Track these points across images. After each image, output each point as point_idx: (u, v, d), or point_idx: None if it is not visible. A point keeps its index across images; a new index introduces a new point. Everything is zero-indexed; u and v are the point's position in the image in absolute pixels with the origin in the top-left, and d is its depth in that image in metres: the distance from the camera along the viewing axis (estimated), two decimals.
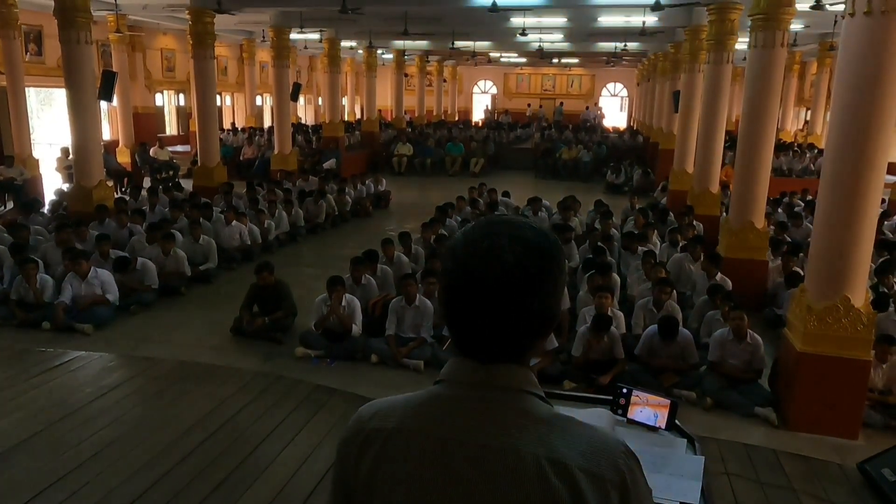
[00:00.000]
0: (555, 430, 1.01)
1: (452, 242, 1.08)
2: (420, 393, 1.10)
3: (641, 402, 1.98)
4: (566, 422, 1.03)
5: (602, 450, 1.00)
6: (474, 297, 1.02)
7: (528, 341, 1.05)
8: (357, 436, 1.09)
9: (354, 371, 5.88)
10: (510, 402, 1.03)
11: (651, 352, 5.68)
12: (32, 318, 6.65)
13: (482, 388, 1.04)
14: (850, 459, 4.49)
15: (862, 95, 4.44)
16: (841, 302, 4.73)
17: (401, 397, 1.12)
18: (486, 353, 1.04)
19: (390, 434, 1.06)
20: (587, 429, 1.03)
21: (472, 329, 1.04)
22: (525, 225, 1.06)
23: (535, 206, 10.43)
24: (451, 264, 1.05)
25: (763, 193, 7.69)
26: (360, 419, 1.11)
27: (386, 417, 1.08)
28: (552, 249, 1.04)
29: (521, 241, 1.02)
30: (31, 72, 13.74)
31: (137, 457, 4.21)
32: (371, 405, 1.13)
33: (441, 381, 1.08)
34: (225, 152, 15.62)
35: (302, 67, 26.52)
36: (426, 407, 1.07)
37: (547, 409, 1.04)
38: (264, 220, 9.93)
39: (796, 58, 20.99)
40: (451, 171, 19.63)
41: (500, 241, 1.02)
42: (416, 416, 1.06)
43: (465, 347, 1.06)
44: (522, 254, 1.01)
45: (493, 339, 1.03)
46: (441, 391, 1.07)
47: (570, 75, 35.87)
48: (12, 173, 12.06)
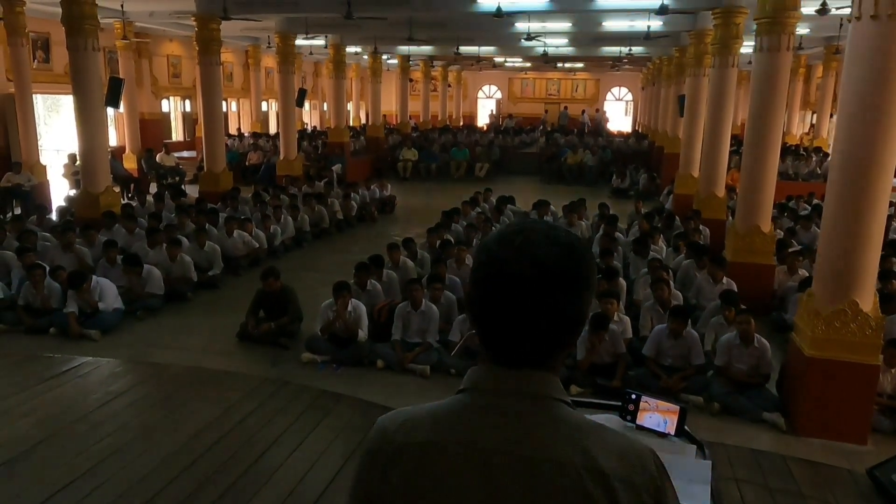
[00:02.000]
0: (589, 437, 1.01)
1: (486, 239, 1.07)
2: (447, 403, 1.07)
3: (650, 408, 1.97)
4: (598, 429, 1.04)
5: (634, 456, 1.02)
6: (506, 294, 1.01)
7: (558, 346, 1.04)
8: (384, 449, 1.06)
9: (360, 376, 5.88)
10: (544, 410, 1.02)
11: (659, 350, 5.68)
12: (40, 323, 6.68)
13: (515, 396, 1.03)
14: (860, 465, 4.46)
15: (869, 98, 4.42)
16: (849, 306, 4.70)
17: (425, 407, 1.09)
18: (516, 358, 1.04)
19: (423, 446, 1.03)
20: (618, 436, 1.04)
21: (503, 328, 1.03)
22: (558, 227, 1.07)
23: (542, 210, 10.38)
24: (484, 259, 1.04)
25: (769, 197, 7.66)
26: (384, 431, 1.08)
27: (414, 429, 1.06)
28: (585, 252, 1.05)
29: (555, 240, 1.02)
30: (38, 78, 13.82)
31: (145, 462, 4.22)
32: (393, 417, 1.10)
33: (468, 389, 1.07)
34: (231, 158, 15.68)
35: (307, 73, 26.59)
36: (459, 418, 1.04)
37: (578, 417, 1.05)
38: (270, 225, 9.95)
39: (802, 61, 20.93)
40: (455, 176, 19.65)
41: (534, 237, 1.02)
42: (451, 427, 1.03)
43: (494, 350, 1.05)
44: (556, 252, 1.01)
45: (523, 341, 1.02)
46: (472, 400, 1.05)
47: (574, 80, 35.88)
48: (20, 179, 12.12)
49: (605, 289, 6.33)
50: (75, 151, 11.19)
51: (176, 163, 16.75)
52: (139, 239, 8.56)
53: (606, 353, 5.72)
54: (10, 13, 11.74)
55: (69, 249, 7.79)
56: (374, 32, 15.79)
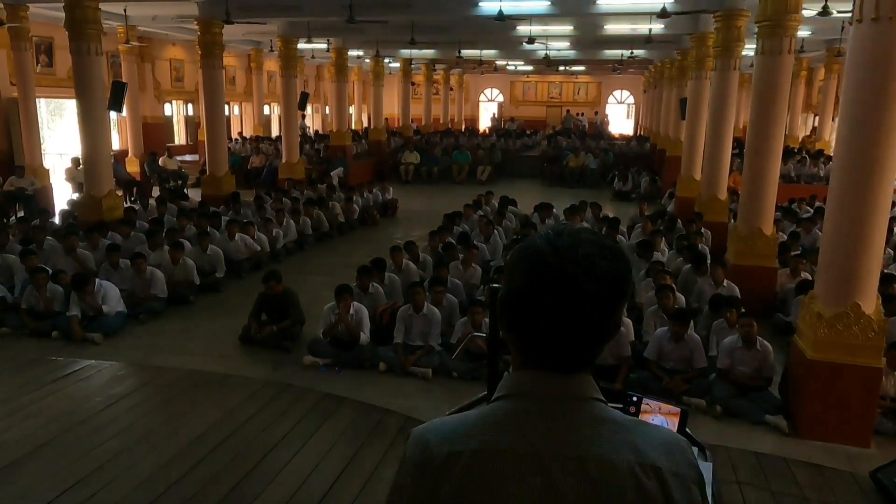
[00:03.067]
0: (634, 433, 1.04)
1: (533, 251, 1.05)
2: (490, 409, 1.08)
3: (652, 410, 1.97)
4: (638, 424, 1.08)
5: (677, 448, 1.05)
6: (567, 305, 1.01)
7: (601, 349, 1.07)
8: (429, 462, 1.05)
9: (362, 379, 5.88)
10: (589, 410, 1.05)
11: (660, 353, 5.67)
12: (42, 327, 6.69)
13: (558, 399, 1.05)
14: (863, 468, 4.45)
15: (870, 101, 4.42)
16: (851, 309, 4.69)
17: (466, 416, 1.10)
18: (567, 364, 1.05)
19: (476, 455, 1.02)
20: (657, 429, 1.09)
21: (558, 339, 1.04)
22: (604, 235, 1.11)
23: (544, 213, 10.36)
24: (537, 270, 1.03)
25: (771, 200, 7.65)
26: (425, 445, 1.07)
27: (460, 439, 1.04)
28: (629, 261, 1.08)
29: (609, 250, 1.05)
30: (41, 83, 13.86)
31: (147, 465, 4.23)
32: (431, 429, 1.09)
33: (511, 395, 1.07)
34: (233, 161, 15.70)
35: (309, 77, 26.63)
36: (508, 423, 1.04)
37: (619, 414, 1.07)
38: (272, 228, 9.96)
39: (804, 64, 20.93)
40: (457, 179, 19.66)
41: (593, 249, 1.03)
42: (504, 434, 1.03)
43: (542, 357, 1.06)
44: (612, 262, 1.04)
45: (577, 348, 1.05)
46: (516, 406, 1.06)
47: (576, 83, 35.93)
48: (23, 183, 12.16)
49: None
50: (78, 155, 11.23)
51: (178, 166, 16.78)
52: (139, 243, 8.57)
53: (609, 355, 5.72)
54: (13, 18, 11.78)
55: (71, 253, 7.81)
56: (376, 36, 15.83)
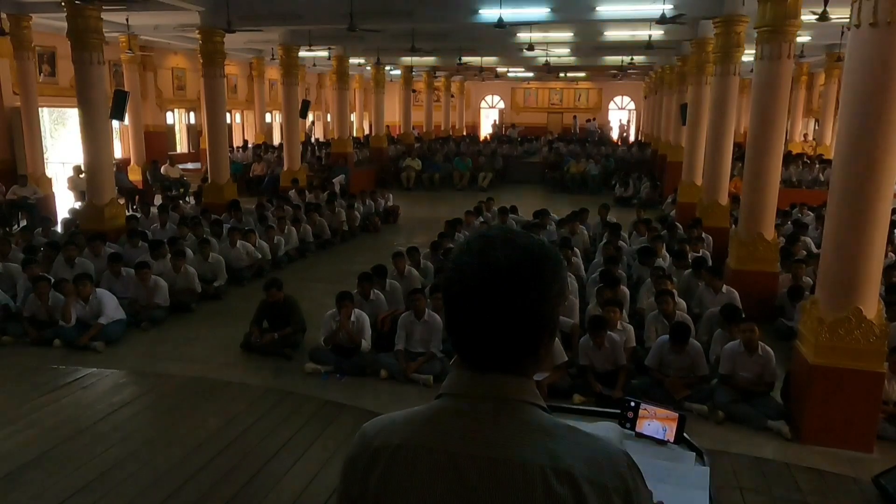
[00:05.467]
0: (557, 439, 1.02)
1: (454, 254, 1.10)
2: (422, 408, 1.11)
3: (650, 416, 1.97)
4: (568, 431, 1.05)
5: (604, 458, 1.02)
6: (467, 298, 1.04)
7: (522, 348, 1.05)
8: (363, 453, 1.10)
9: (364, 386, 5.88)
10: (511, 413, 1.04)
11: (662, 362, 5.65)
12: (44, 335, 6.70)
13: (482, 399, 1.05)
14: (865, 473, 4.43)
15: (869, 106, 4.43)
16: (852, 313, 4.69)
17: (403, 413, 1.13)
18: (483, 361, 1.06)
19: (396, 450, 1.06)
20: (589, 437, 1.05)
21: (468, 332, 1.06)
22: (520, 232, 1.09)
23: (544, 219, 10.35)
24: (449, 267, 1.09)
25: (772, 205, 7.65)
26: (364, 437, 1.12)
27: (391, 434, 1.09)
28: (545, 253, 1.06)
29: (512, 243, 1.05)
30: (44, 92, 13.93)
31: (149, 474, 4.23)
32: (374, 422, 1.14)
33: (444, 394, 1.10)
34: (235, 169, 15.75)
35: (311, 84, 26.72)
36: (430, 421, 1.08)
37: (548, 419, 1.06)
38: (274, 236, 9.98)
39: (804, 69, 20.96)
40: (459, 186, 19.68)
41: (492, 242, 1.05)
42: (422, 431, 1.07)
43: (463, 355, 1.09)
44: (512, 255, 1.03)
45: (488, 344, 1.04)
46: (443, 405, 1.09)
47: (577, 89, 36.00)
48: (26, 192, 12.21)
49: (608, 297, 6.33)
50: (80, 163, 11.27)
51: (181, 174, 16.84)
52: (143, 252, 8.59)
53: (609, 361, 5.71)
54: (16, 28, 11.87)
55: (72, 262, 7.82)
56: (377, 44, 15.90)
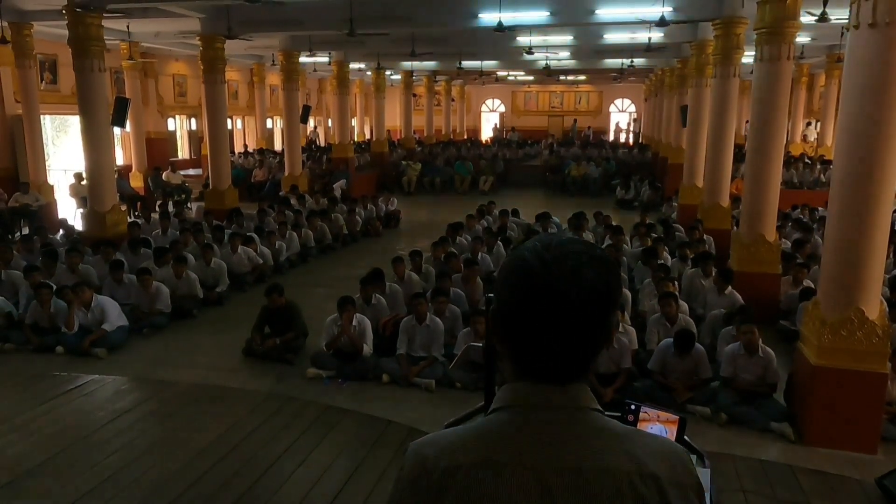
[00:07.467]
0: (633, 443, 1.03)
1: (521, 258, 1.06)
2: (490, 422, 1.07)
3: (650, 419, 1.97)
4: (636, 434, 1.08)
5: (675, 457, 1.05)
6: (557, 315, 1.02)
7: (593, 358, 1.07)
8: (427, 476, 1.04)
9: (365, 391, 5.87)
10: (586, 421, 1.04)
11: (664, 366, 5.64)
12: (47, 342, 6.71)
13: (559, 410, 1.04)
14: (869, 474, 4.42)
15: (868, 107, 4.43)
16: (855, 314, 4.68)
17: (463, 429, 1.09)
18: (561, 374, 1.05)
19: (475, 467, 1.01)
20: (654, 438, 1.08)
21: (552, 350, 1.04)
22: (591, 244, 1.10)
23: (545, 223, 10.40)
24: (524, 280, 1.04)
25: (773, 206, 7.64)
26: (422, 459, 1.06)
27: (457, 453, 1.04)
28: (615, 267, 1.08)
29: (597, 259, 1.05)
30: (46, 100, 13.97)
31: (151, 480, 4.23)
32: (428, 443, 1.08)
33: (508, 406, 1.06)
34: (236, 175, 15.77)
35: (311, 90, 26.79)
36: (509, 436, 1.04)
37: (617, 424, 1.07)
38: (275, 241, 9.99)
39: (804, 70, 20.96)
40: (460, 190, 19.70)
41: (581, 259, 1.04)
42: (502, 446, 1.02)
43: (535, 368, 1.06)
44: (599, 271, 1.04)
45: (569, 359, 1.05)
46: (518, 417, 1.05)
47: (577, 92, 36.01)
48: (28, 199, 12.24)
49: None
50: (81, 171, 11.29)
51: (182, 181, 16.87)
52: (146, 258, 8.60)
53: (613, 362, 5.69)
54: (18, 36, 11.90)
55: (74, 269, 7.84)
56: (378, 48, 15.93)
